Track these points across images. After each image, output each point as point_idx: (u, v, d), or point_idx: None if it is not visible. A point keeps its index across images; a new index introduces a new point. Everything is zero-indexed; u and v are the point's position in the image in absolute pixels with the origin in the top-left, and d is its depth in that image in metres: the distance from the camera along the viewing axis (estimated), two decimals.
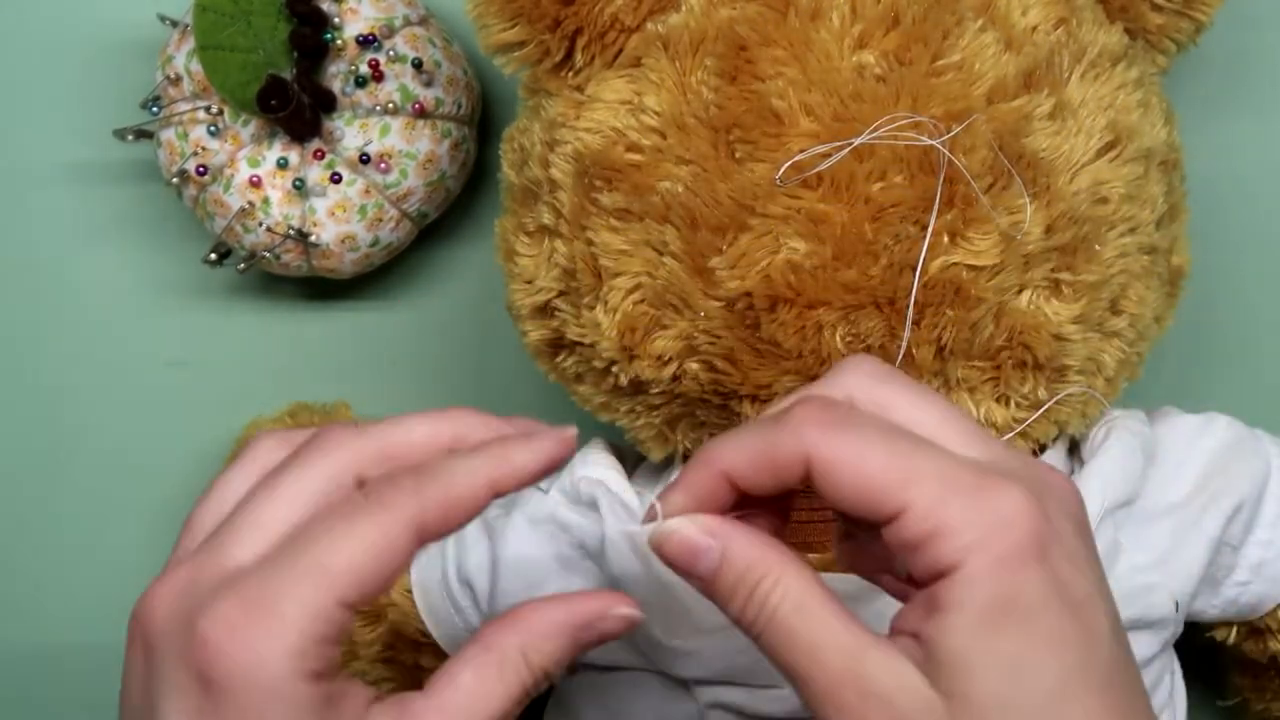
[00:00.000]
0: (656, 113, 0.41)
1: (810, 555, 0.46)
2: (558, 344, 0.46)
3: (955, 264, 0.39)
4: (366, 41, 0.51)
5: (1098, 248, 0.41)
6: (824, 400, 0.32)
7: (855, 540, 0.35)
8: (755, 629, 0.31)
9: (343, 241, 0.53)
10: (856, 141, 0.39)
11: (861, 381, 0.33)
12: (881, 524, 0.30)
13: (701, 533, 0.32)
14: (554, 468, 0.33)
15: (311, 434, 0.33)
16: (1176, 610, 0.45)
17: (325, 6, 0.51)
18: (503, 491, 0.32)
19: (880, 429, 0.31)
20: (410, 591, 0.50)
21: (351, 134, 0.52)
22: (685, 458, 0.46)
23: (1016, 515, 0.29)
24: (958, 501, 0.30)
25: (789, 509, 0.35)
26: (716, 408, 0.43)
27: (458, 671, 0.32)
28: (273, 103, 0.50)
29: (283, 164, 0.52)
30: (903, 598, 0.33)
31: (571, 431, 0.34)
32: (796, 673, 0.31)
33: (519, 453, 0.33)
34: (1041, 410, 0.43)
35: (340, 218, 0.53)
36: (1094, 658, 0.30)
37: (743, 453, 0.32)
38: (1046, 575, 0.29)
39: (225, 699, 0.29)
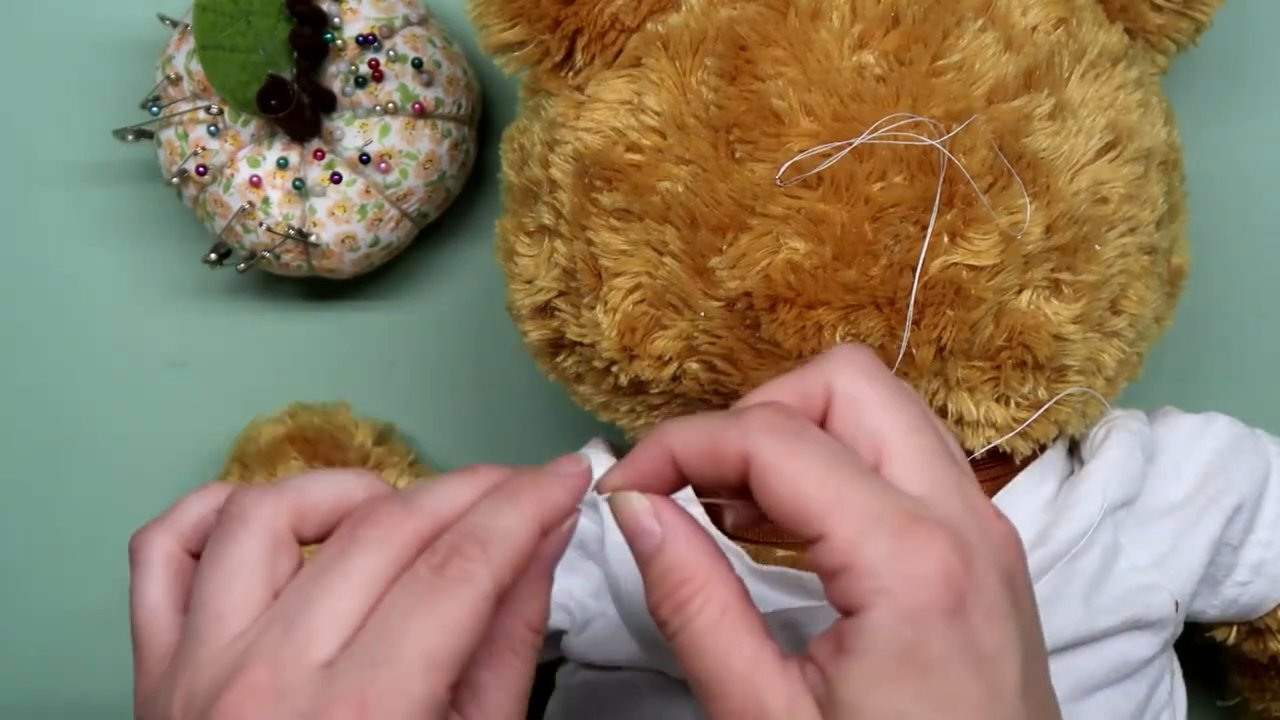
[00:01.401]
0: (656, 113, 0.41)
1: (779, 552, 0.46)
2: (558, 344, 0.46)
3: (955, 264, 0.39)
4: (366, 41, 0.51)
5: (1098, 248, 0.41)
6: (783, 409, 0.32)
7: None
8: (668, 630, 0.32)
9: (343, 241, 0.53)
10: (856, 141, 0.39)
11: (844, 373, 0.33)
12: (805, 544, 0.30)
13: (648, 515, 0.32)
14: (582, 496, 0.34)
15: (362, 512, 0.32)
16: (1176, 610, 0.45)
17: (325, 6, 0.51)
18: (549, 530, 0.33)
19: (826, 452, 0.31)
20: None
21: (351, 134, 0.52)
22: None
23: (934, 567, 0.29)
24: (879, 543, 0.29)
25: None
26: (717, 408, 0.43)
27: (479, 677, 0.33)
28: (273, 103, 0.50)
29: (283, 164, 0.52)
30: None
31: (585, 462, 0.34)
32: (701, 688, 0.31)
33: (553, 490, 0.33)
34: (1041, 410, 0.43)
35: (340, 218, 0.53)
36: (990, 718, 0.29)
37: (691, 439, 0.32)
38: (954, 631, 0.29)
39: None
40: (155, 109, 0.53)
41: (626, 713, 0.48)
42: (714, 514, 0.47)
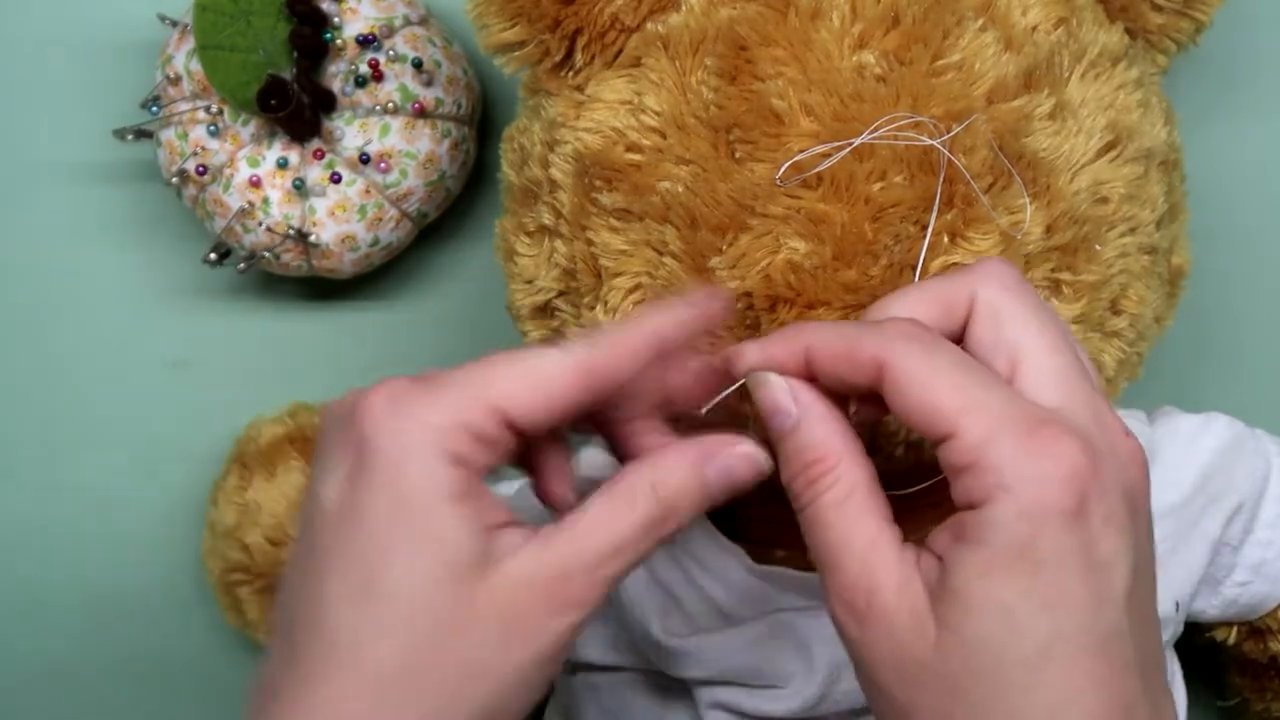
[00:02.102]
0: (656, 113, 0.41)
1: (779, 552, 0.46)
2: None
3: (955, 264, 0.39)
4: (366, 41, 0.51)
5: (1098, 248, 0.41)
6: (919, 325, 0.33)
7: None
8: (797, 505, 0.33)
9: (343, 241, 0.53)
10: (856, 141, 0.39)
11: (991, 285, 0.34)
12: (934, 444, 0.31)
13: (787, 395, 0.33)
14: (710, 320, 0.36)
15: None
16: (1176, 610, 0.45)
17: (325, 6, 0.51)
18: (666, 341, 0.35)
19: (960, 360, 0.32)
20: None
21: (351, 134, 0.52)
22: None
23: (1060, 469, 0.30)
24: (1007, 441, 0.30)
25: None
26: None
27: (589, 504, 0.34)
28: (273, 103, 0.50)
29: (283, 164, 0.52)
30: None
31: (722, 293, 0.36)
32: (820, 562, 0.32)
33: (678, 307, 0.35)
34: None
35: (340, 218, 0.53)
36: (1095, 623, 0.30)
37: (829, 337, 0.33)
38: (1070, 534, 0.30)
39: (375, 456, 0.32)
40: (155, 109, 0.53)
41: (626, 713, 0.48)
42: (713, 514, 0.47)
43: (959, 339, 0.33)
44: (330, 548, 0.32)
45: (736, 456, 0.34)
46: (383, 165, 0.52)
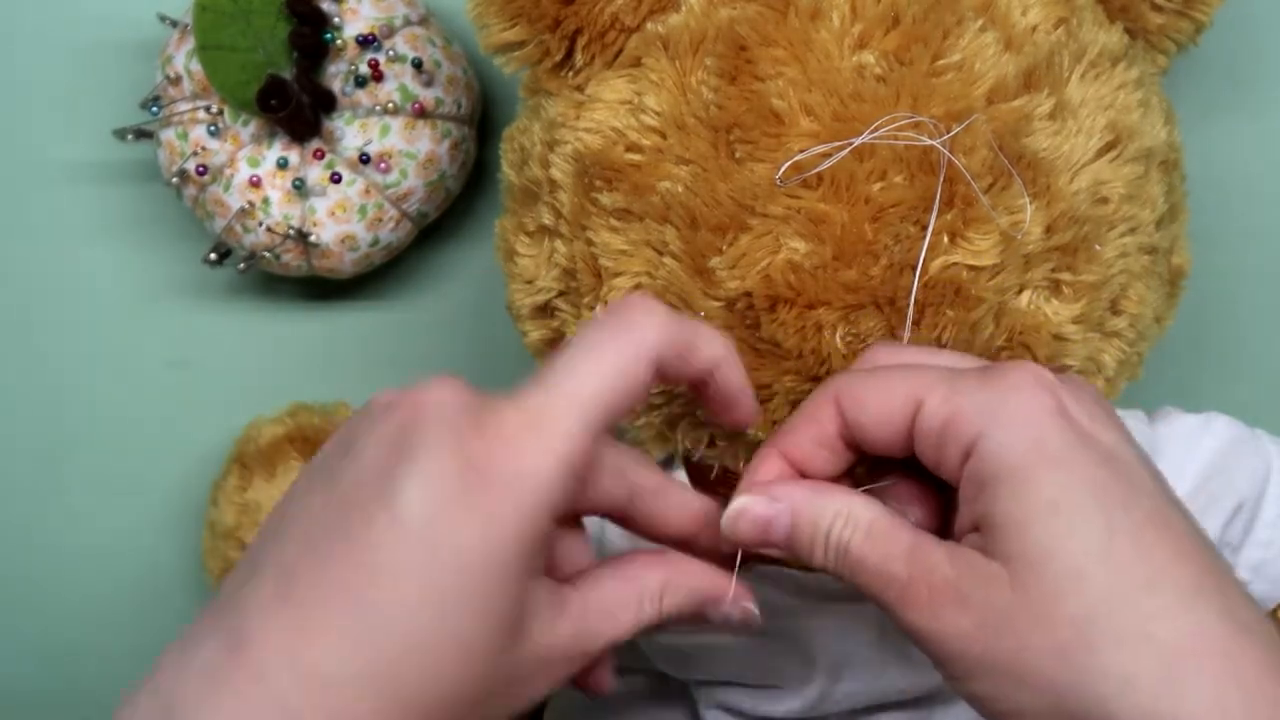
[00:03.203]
0: (656, 113, 0.41)
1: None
2: (558, 344, 0.46)
3: (955, 264, 0.39)
4: (366, 41, 0.51)
5: (1098, 248, 0.41)
6: (861, 360, 0.36)
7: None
8: (834, 566, 0.33)
9: (343, 241, 0.53)
10: (856, 141, 0.39)
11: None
12: (909, 438, 0.33)
13: (768, 502, 0.34)
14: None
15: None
16: None
17: (325, 6, 0.51)
18: (726, 377, 0.35)
19: (892, 363, 0.34)
20: None
21: (351, 134, 0.52)
22: (685, 458, 0.46)
23: (1024, 383, 0.32)
24: (967, 386, 0.32)
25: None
26: None
27: (605, 578, 0.34)
28: (273, 103, 0.50)
29: (283, 164, 0.52)
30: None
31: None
32: (874, 591, 0.33)
33: (735, 373, 0.36)
34: None
35: (340, 218, 0.53)
36: (1138, 498, 0.31)
37: (788, 429, 0.35)
38: (1067, 428, 0.31)
39: (489, 490, 0.29)
40: (155, 109, 0.53)
41: (626, 713, 0.48)
42: None
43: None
44: (389, 559, 0.29)
45: (736, 609, 0.35)
46: (383, 165, 0.52)
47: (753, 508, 0.34)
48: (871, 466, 0.36)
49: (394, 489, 0.29)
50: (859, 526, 0.33)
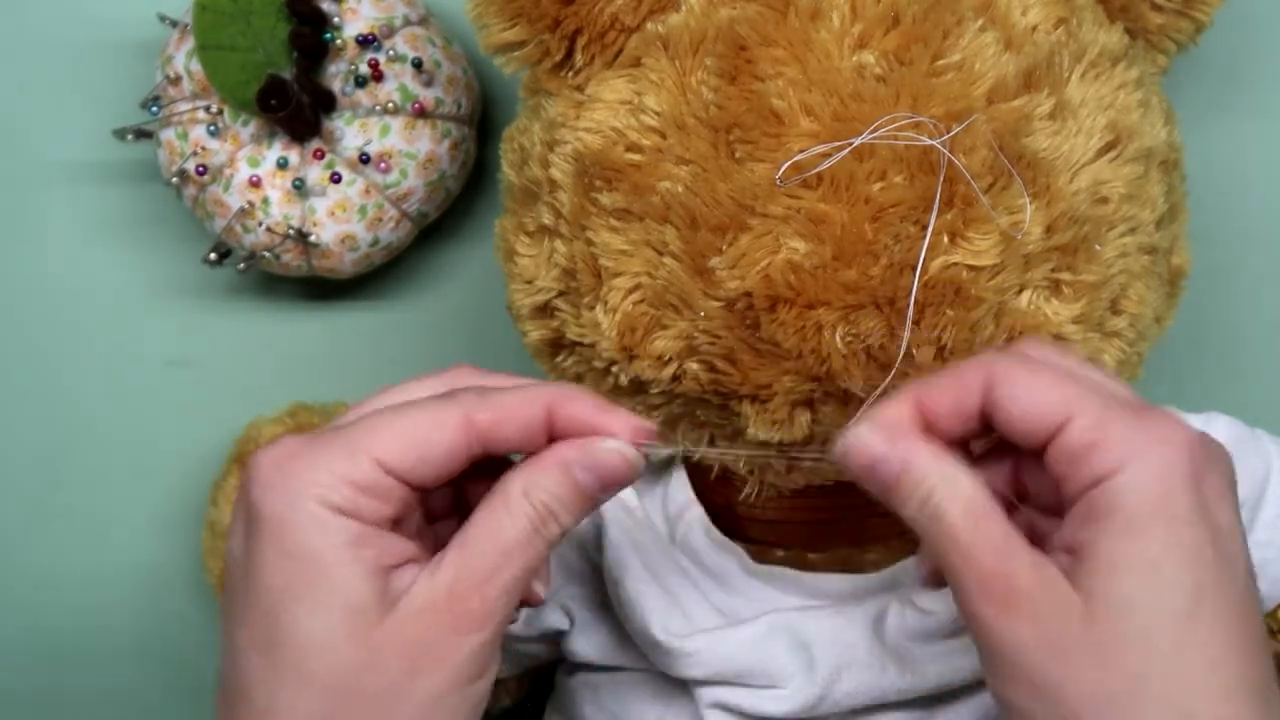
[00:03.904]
0: (656, 113, 0.41)
1: (779, 552, 0.46)
2: (558, 344, 0.46)
3: (955, 264, 0.39)
4: (366, 41, 0.51)
5: (1098, 248, 0.41)
6: (1012, 346, 0.36)
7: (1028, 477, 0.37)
8: (923, 526, 0.34)
9: (343, 241, 0.53)
10: (856, 142, 0.39)
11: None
12: (1046, 440, 0.33)
13: (888, 442, 0.34)
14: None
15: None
16: None
17: (325, 6, 0.51)
18: (563, 428, 0.35)
19: (1056, 363, 0.35)
20: None
21: (351, 134, 0.52)
22: (685, 458, 0.46)
23: (1175, 438, 0.32)
24: (1121, 419, 0.32)
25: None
26: (716, 408, 0.43)
27: (471, 517, 0.35)
28: (273, 103, 0.50)
29: (283, 164, 0.52)
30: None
31: (641, 428, 0.36)
32: (953, 568, 0.33)
33: (582, 401, 0.36)
34: None
35: (340, 218, 0.53)
36: (1229, 584, 0.31)
37: (935, 384, 0.35)
38: (1194, 495, 0.31)
39: (262, 512, 0.33)
40: (155, 109, 0.53)
41: (626, 713, 0.48)
42: (713, 514, 0.47)
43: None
44: (236, 600, 0.34)
45: (604, 453, 0.35)
46: (383, 165, 0.52)
47: (872, 444, 0.34)
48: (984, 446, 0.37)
49: (228, 559, 0.36)
50: (959, 499, 0.33)
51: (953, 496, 0.33)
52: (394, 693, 0.33)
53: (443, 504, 0.39)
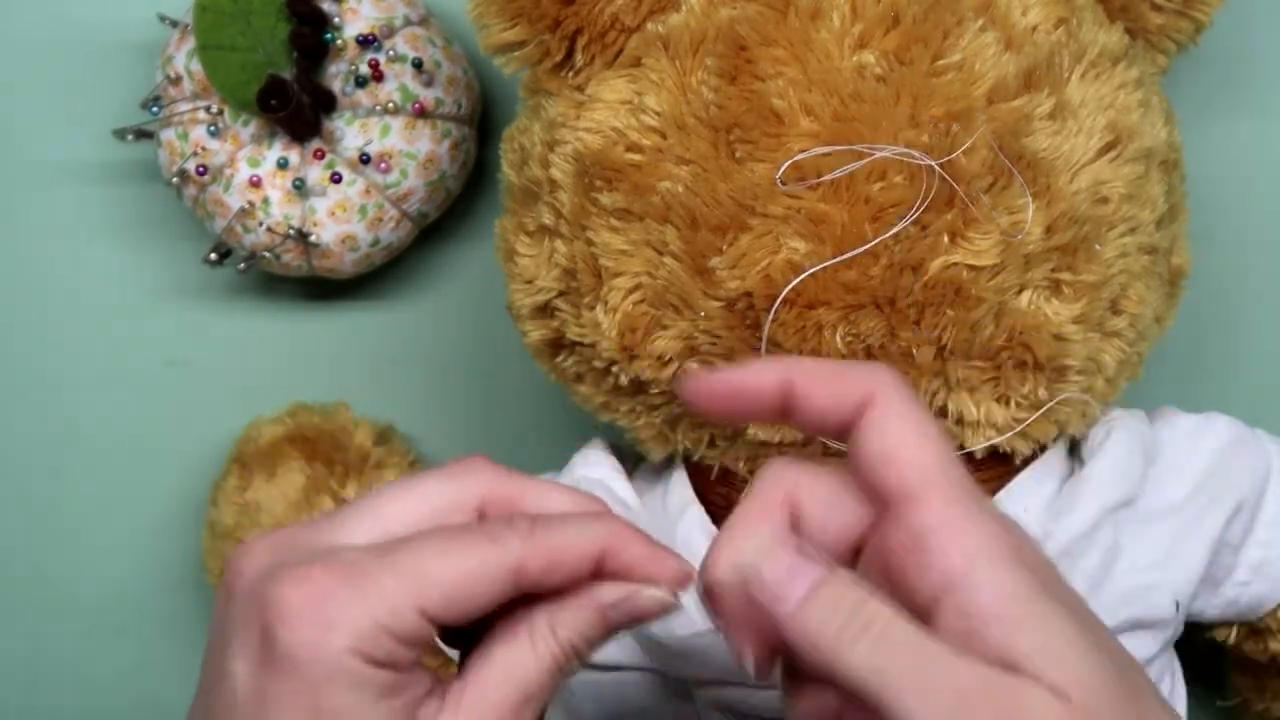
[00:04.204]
0: (657, 113, 0.41)
1: None
2: (558, 344, 0.46)
3: (955, 264, 0.39)
4: (366, 41, 0.51)
5: (1098, 248, 0.41)
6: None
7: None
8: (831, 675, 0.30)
9: (343, 241, 0.53)
10: (855, 166, 0.39)
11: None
12: (883, 499, 0.30)
13: (791, 567, 0.31)
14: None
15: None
16: (1176, 610, 0.45)
17: (325, 6, 0.51)
18: (612, 568, 0.32)
19: (930, 420, 0.32)
20: None
21: (351, 134, 0.52)
22: (685, 458, 0.46)
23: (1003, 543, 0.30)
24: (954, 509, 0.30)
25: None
26: None
27: (490, 648, 0.32)
28: (273, 103, 0.50)
29: (283, 164, 0.52)
30: None
31: (687, 575, 0.33)
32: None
33: (636, 545, 0.33)
34: (1042, 411, 0.43)
35: (340, 218, 0.53)
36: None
37: (814, 366, 0.32)
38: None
39: (283, 665, 0.30)
40: (155, 109, 0.53)
41: (626, 713, 0.48)
42: (713, 514, 0.47)
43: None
44: None
45: (644, 600, 0.33)
46: (383, 165, 0.52)
47: (771, 564, 0.31)
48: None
49: (224, 672, 0.31)
50: (878, 618, 0.29)
51: (872, 615, 0.29)
52: None
53: None
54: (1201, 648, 0.52)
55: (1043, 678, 0.27)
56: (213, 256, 0.56)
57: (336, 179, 0.52)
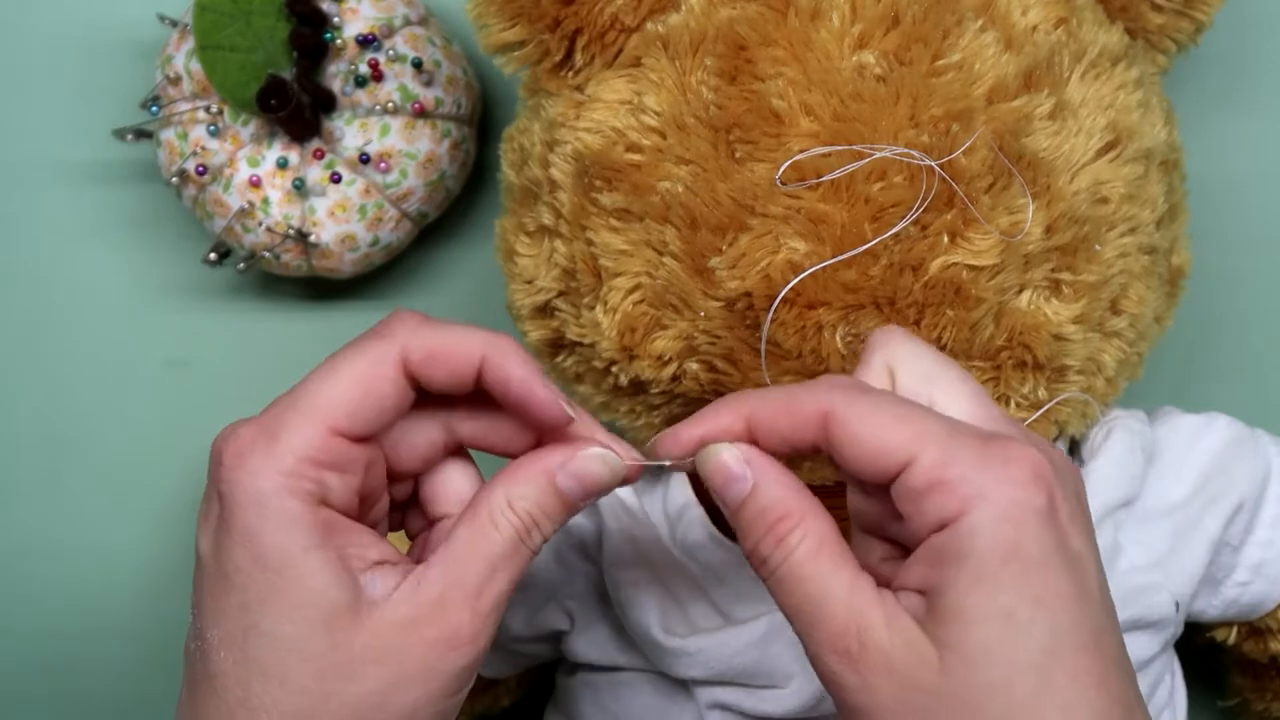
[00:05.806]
0: (656, 113, 0.41)
1: None
2: (558, 344, 0.46)
3: (955, 264, 0.39)
4: (366, 41, 0.51)
5: (1098, 248, 0.41)
6: (849, 377, 0.34)
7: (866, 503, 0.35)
8: (767, 568, 0.33)
9: (343, 241, 0.53)
10: (861, 161, 0.39)
11: (899, 353, 0.34)
12: (889, 480, 0.31)
13: (737, 461, 0.33)
14: (536, 405, 0.34)
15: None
16: (1176, 610, 0.45)
17: (325, 6, 0.51)
18: (492, 378, 0.34)
19: (895, 399, 0.33)
20: None
21: (351, 134, 0.52)
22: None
23: (1024, 470, 0.30)
24: (964, 456, 0.31)
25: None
26: None
27: (454, 531, 0.34)
28: (273, 103, 0.50)
29: (283, 164, 0.52)
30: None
31: (561, 410, 0.35)
32: (801, 618, 0.32)
33: (514, 361, 0.34)
34: (1041, 411, 0.43)
35: (340, 218, 0.53)
36: (1085, 618, 0.30)
37: (767, 402, 0.33)
38: (1048, 530, 0.30)
39: (231, 512, 0.33)
40: (155, 109, 0.53)
41: (626, 713, 0.48)
42: (713, 514, 0.47)
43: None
44: (206, 595, 0.33)
45: (586, 459, 0.35)
46: (383, 165, 0.52)
47: (726, 456, 0.33)
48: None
49: (197, 561, 0.34)
50: (807, 540, 0.32)
51: (803, 533, 0.32)
52: (372, 702, 0.32)
53: (402, 495, 0.38)
54: (1201, 648, 0.52)
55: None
56: (212, 256, 0.56)
57: (336, 179, 0.52)
